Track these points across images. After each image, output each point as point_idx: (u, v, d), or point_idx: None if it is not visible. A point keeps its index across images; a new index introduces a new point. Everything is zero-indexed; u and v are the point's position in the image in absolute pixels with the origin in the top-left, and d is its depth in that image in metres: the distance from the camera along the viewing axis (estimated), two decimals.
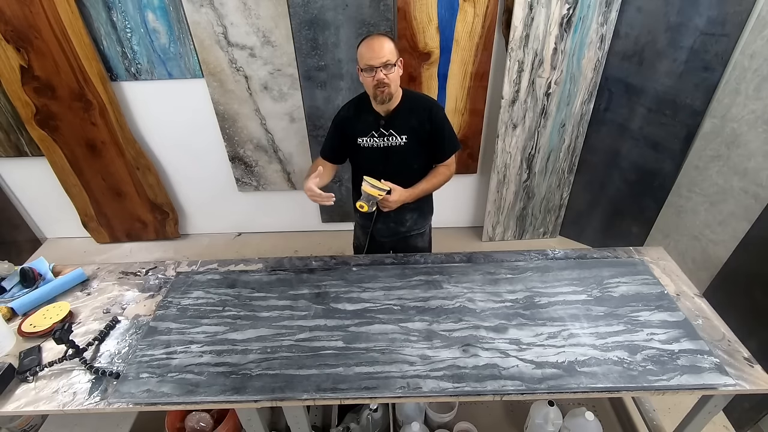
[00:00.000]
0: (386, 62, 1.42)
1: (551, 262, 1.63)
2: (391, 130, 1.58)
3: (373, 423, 1.70)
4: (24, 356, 1.32)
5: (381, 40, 1.44)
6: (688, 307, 1.45)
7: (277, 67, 2.41)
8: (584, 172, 2.71)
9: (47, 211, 3.06)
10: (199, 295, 1.53)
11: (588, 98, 2.43)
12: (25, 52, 2.28)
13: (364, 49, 1.45)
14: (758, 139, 1.89)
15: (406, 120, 1.57)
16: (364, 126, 1.60)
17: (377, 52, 1.42)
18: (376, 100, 1.52)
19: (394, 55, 1.45)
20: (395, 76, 1.47)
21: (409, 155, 1.62)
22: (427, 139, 1.60)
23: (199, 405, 1.23)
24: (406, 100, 1.58)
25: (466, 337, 1.34)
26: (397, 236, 1.82)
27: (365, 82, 1.49)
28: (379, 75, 1.43)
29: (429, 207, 1.85)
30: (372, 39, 1.45)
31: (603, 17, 2.18)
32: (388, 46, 1.44)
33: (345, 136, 1.66)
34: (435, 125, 1.58)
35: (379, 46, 1.42)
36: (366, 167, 1.64)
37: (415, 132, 1.58)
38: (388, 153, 1.61)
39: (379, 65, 1.42)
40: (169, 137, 2.72)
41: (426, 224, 1.87)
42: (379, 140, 1.60)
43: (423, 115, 1.57)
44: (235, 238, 3.18)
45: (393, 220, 1.77)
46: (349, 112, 1.65)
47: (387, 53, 1.42)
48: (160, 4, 2.23)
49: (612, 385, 1.19)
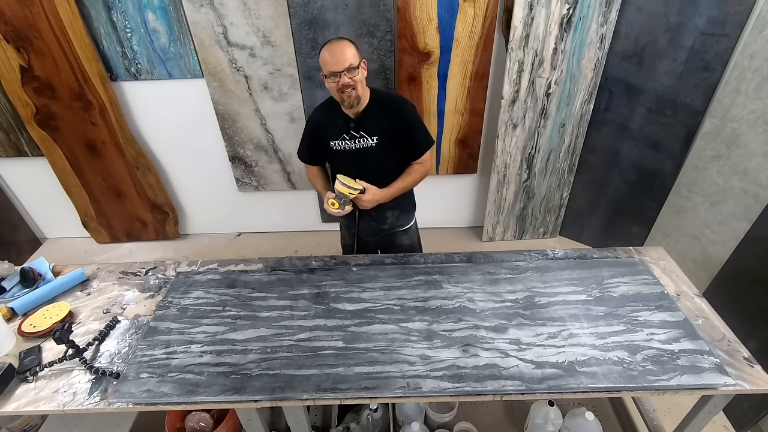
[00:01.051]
0: (349, 66, 1.43)
1: (551, 262, 1.63)
2: (362, 131, 1.58)
3: (373, 423, 1.70)
4: (24, 356, 1.32)
5: (342, 44, 1.44)
6: (688, 307, 1.45)
7: (277, 67, 2.41)
8: (584, 172, 2.71)
9: (47, 211, 3.06)
10: (199, 295, 1.53)
11: (588, 98, 2.43)
12: (25, 52, 2.28)
13: (326, 55, 1.45)
14: (758, 139, 1.89)
15: (376, 121, 1.57)
16: (335, 129, 1.61)
17: (339, 57, 1.42)
18: (344, 105, 1.53)
19: (356, 58, 1.45)
20: (360, 77, 1.47)
21: (382, 156, 1.62)
22: (399, 138, 1.60)
23: (199, 405, 1.23)
24: (374, 100, 1.57)
25: (466, 337, 1.34)
26: (381, 234, 1.83)
27: (330, 88, 1.50)
28: (343, 79, 1.44)
29: (410, 203, 1.85)
30: (332, 44, 1.45)
31: (603, 17, 2.18)
32: (350, 49, 1.44)
33: (318, 140, 1.67)
34: (406, 124, 1.58)
35: (341, 51, 1.43)
36: (340, 169, 1.66)
37: (385, 132, 1.58)
38: (360, 155, 1.61)
39: (342, 70, 1.43)
40: (169, 137, 2.72)
41: (409, 220, 1.87)
42: (351, 143, 1.60)
43: (393, 114, 1.57)
44: (235, 238, 3.18)
45: (374, 219, 1.78)
46: (320, 115, 1.66)
47: (349, 57, 1.43)
48: (160, 4, 2.23)
49: (612, 385, 1.19)
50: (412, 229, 1.90)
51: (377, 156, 1.61)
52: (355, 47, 1.47)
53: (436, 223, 3.16)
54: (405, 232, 1.87)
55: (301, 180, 2.86)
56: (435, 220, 3.14)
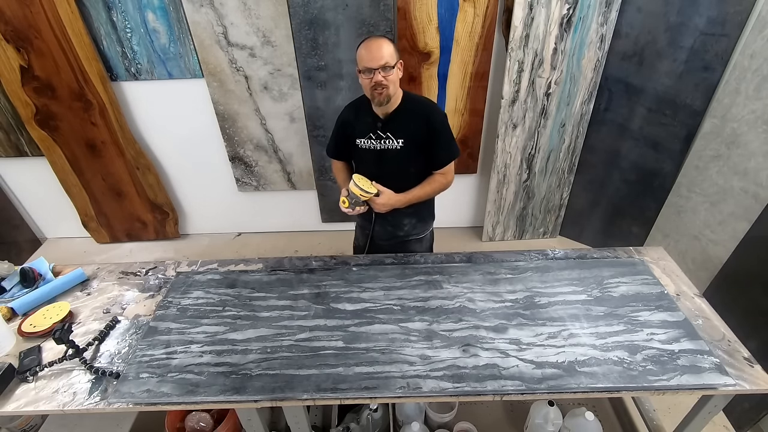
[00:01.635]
0: (384, 64, 1.42)
1: (551, 262, 1.63)
2: (388, 132, 1.57)
3: (373, 423, 1.70)
4: (24, 356, 1.32)
5: (380, 42, 1.43)
6: (688, 307, 1.45)
7: (277, 67, 2.41)
8: (584, 172, 2.71)
9: (47, 211, 3.06)
10: (199, 295, 1.53)
11: (588, 98, 2.43)
12: (25, 52, 2.28)
13: (362, 51, 1.44)
14: (758, 139, 1.89)
15: (404, 124, 1.56)
16: (363, 127, 1.60)
17: (375, 54, 1.41)
18: (374, 102, 1.52)
19: (393, 58, 1.44)
20: (394, 78, 1.46)
21: (405, 159, 1.61)
22: (424, 144, 1.58)
23: (199, 405, 1.23)
24: (405, 103, 1.56)
25: (466, 337, 1.34)
26: (395, 240, 1.82)
27: (363, 84, 1.49)
28: (377, 77, 1.43)
29: (429, 213, 1.84)
30: (371, 41, 1.44)
31: (603, 17, 2.18)
32: (387, 48, 1.43)
33: (346, 136, 1.67)
34: (432, 131, 1.56)
35: (378, 48, 1.42)
36: (362, 168, 1.66)
37: (411, 136, 1.56)
38: (384, 155, 1.60)
39: (378, 67, 1.42)
40: (169, 137, 2.72)
41: (425, 230, 1.85)
42: (376, 142, 1.59)
43: (421, 119, 1.55)
44: (235, 238, 3.18)
45: (390, 224, 1.77)
46: (350, 113, 1.66)
47: (386, 55, 1.42)
48: (160, 4, 2.23)
49: (612, 385, 1.19)
50: (426, 237, 1.88)
51: (400, 159, 1.60)
52: (393, 47, 1.46)
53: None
54: (419, 240, 1.85)
55: (301, 180, 2.86)
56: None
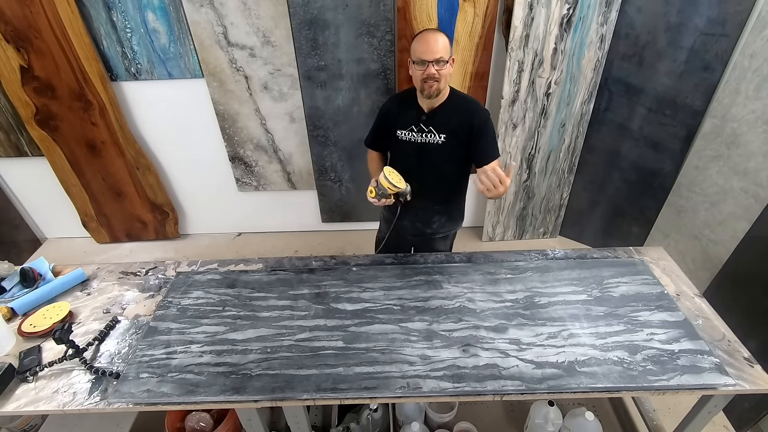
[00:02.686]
0: (439, 58, 1.42)
1: (551, 262, 1.64)
2: (431, 127, 1.56)
3: (373, 423, 1.70)
4: (24, 356, 1.32)
5: (436, 35, 1.43)
6: (688, 307, 1.45)
7: (277, 67, 2.41)
8: (584, 172, 2.71)
9: (47, 211, 3.05)
10: (199, 295, 1.53)
11: (588, 98, 2.43)
12: (25, 52, 2.28)
13: (418, 43, 1.44)
14: (758, 139, 1.89)
15: (448, 119, 1.55)
16: (406, 119, 1.60)
17: (432, 47, 1.41)
18: (423, 94, 1.51)
19: (447, 53, 1.44)
20: (446, 72, 1.46)
21: (444, 156, 1.59)
22: (466, 142, 1.56)
23: (199, 405, 1.23)
24: (452, 99, 1.56)
25: (466, 337, 1.34)
26: (422, 236, 1.80)
27: (414, 75, 1.48)
28: (430, 70, 1.42)
29: (459, 212, 1.82)
30: (428, 33, 1.44)
31: (603, 17, 2.18)
32: (444, 42, 1.43)
33: (387, 127, 1.66)
34: (476, 130, 1.54)
35: (434, 42, 1.41)
36: (400, 161, 1.64)
37: (454, 133, 1.55)
38: (424, 149, 1.59)
39: (432, 60, 1.42)
40: (169, 137, 2.72)
41: (453, 229, 1.84)
42: (418, 135, 1.58)
43: (465, 117, 1.54)
44: (235, 238, 3.18)
45: (420, 220, 1.75)
46: (393, 104, 1.67)
47: (441, 49, 1.42)
48: (160, 4, 2.23)
49: (612, 385, 1.19)
50: (450, 236, 1.88)
51: (440, 154, 1.59)
52: (448, 41, 1.45)
53: None
54: (444, 238, 1.85)
55: (301, 180, 2.86)
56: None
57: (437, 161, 1.60)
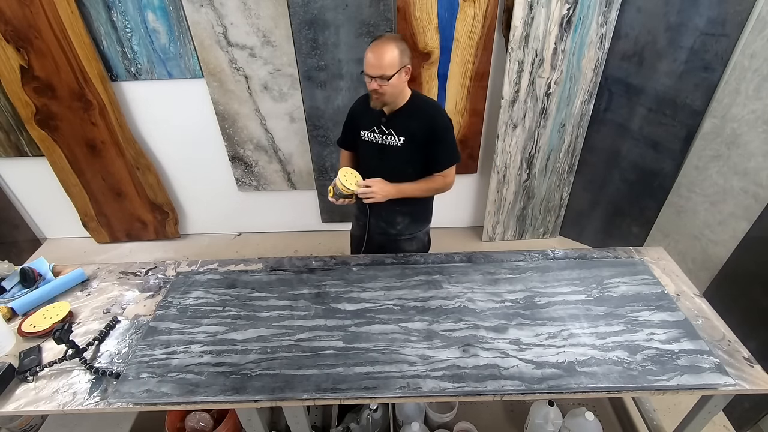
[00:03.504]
0: (381, 75, 1.41)
1: (551, 262, 1.63)
2: (391, 129, 1.58)
3: (373, 423, 1.70)
4: (24, 356, 1.32)
5: (383, 49, 1.40)
6: (688, 307, 1.45)
7: (277, 67, 2.41)
8: (584, 172, 2.71)
9: (47, 211, 3.05)
10: (199, 295, 1.53)
11: (588, 98, 2.43)
12: (25, 52, 2.28)
13: (367, 54, 1.42)
14: (758, 139, 1.89)
15: (407, 123, 1.56)
16: (369, 120, 1.62)
17: (374, 62, 1.40)
18: (370, 103, 1.53)
19: (393, 67, 1.41)
20: (392, 85, 1.44)
21: (404, 158, 1.61)
22: (425, 146, 1.57)
23: (199, 405, 1.23)
24: (412, 101, 1.57)
25: (466, 337, 1.34)
26: (387, 236, 1.82)
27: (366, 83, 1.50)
28: (372, 84, 1.44)
29: (424, 215, 1.83)
30: (375, 46, 1.41)
31: (603, 17, 2.18)
32: (390, 57, 1.40)
33: (354, 127, 1.69)
34: (434, 134, 1.55)
35: (378, 56, 1.39)
36: (364, 161, 1.69)
37: (413, 136, 1.57)
38: (384, 151, 1.61)
39: (375, 76, 1.42)
40: (169, 137, 2.72)
41: (417, 231, 1.84)
42: (379, 137, 1.61)
43: (424, 121, 1.55)
44: (235, 238, 3.18)
45: (384, 220, 1.77)
46: (359, 104, 1.69)
47: (385, 65, 1.39)
48: (160, 4, 2.23)
49: (612, 385, 1.19)
50: (419, 238, 1.87)
51: (400, 156, 1.60)
52: (398, 52, 1.41)
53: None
54: (411, 239, 1.85)
55: (301, 180, 2.86)
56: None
57: (397, 163, 1.62)
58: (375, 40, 1.44)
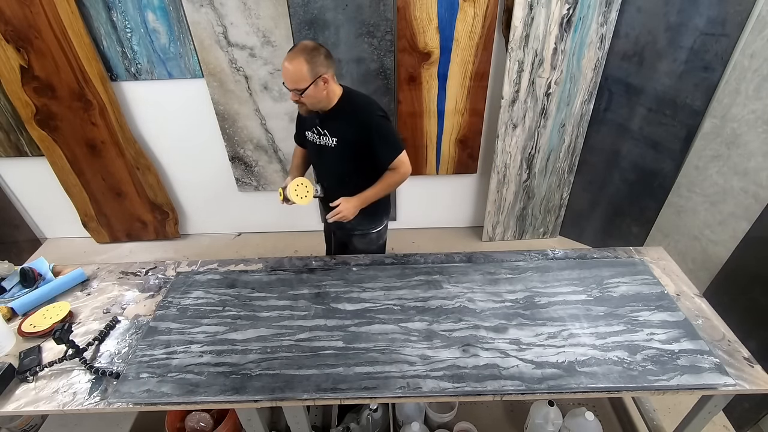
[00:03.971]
0: (295, 88, 1.42)
1: (551, 262, 1.63)
2: (326, 130, 1.59)
3: (373, 423, 1.70)
4: (24, 356, 1.32)
5: (292, 64, 1.39)
6: (688, 307, 1.45)
7: (277, 67, 2.41)
8: (584, 172, 2.71)
9: (47, 211, 3.05)
10: (199, 295, 1.53)
11: (588, 98, 2.43)
12: (25, 52, 2.28)
13: (283, 64, 1.41)
14: (758, 139, 1.89)
15: (338, 123, 1.55)
16: (310, 120, 1.64)
17: (287, 76, 1.41)
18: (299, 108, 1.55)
19: (305, 80, 1.40)
20: (308, 99, 1.45)
21: (339, 158, 1.61)
22: (360, 145, 1.55)
23: (199, 405, 1.24)
24: (342, 103, 1.54)
25: (466, 337, 1.34)
26: (343, 230, 1.84)
27: None
28: (292, 96, 1.45)
29: (375, 211, 1.76)
30: (287, 60, 1.40)
31: (603, 17, 2.18)
32: (298, 72, 1.39)
33: (301, 125, 1.73)
34: (367, 133, 1.53)
35: (289, 71, 1.40)
36: (310, 159, 1.78)
37: (345, 137, 1.56)
38: (322, 151, 1.64)
39: (291, 89, 1.43)
40: (169, 137, 2.72)
41: (370, 228, 1.81)
42: (317, 137, 1.63)
43: (353, 122, 1.54)
44: (235, 238, 3.18)
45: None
46: None
47: (297, 80, 1.40)
48: (160, 4, 2.22)
49: (612, 385, 1.19)
50: (371, 236, 1.83)
51: (335, 157, 1.61)
52: (307, 66, 1.39)
53: (436, 223, 3.16)
54: (363, 236, 1.82)
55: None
56: (435, 220, 3.14)
57: (334, 162, 1.65)
58: (289, 51, 1.42)
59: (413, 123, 2.60)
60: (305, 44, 1.42)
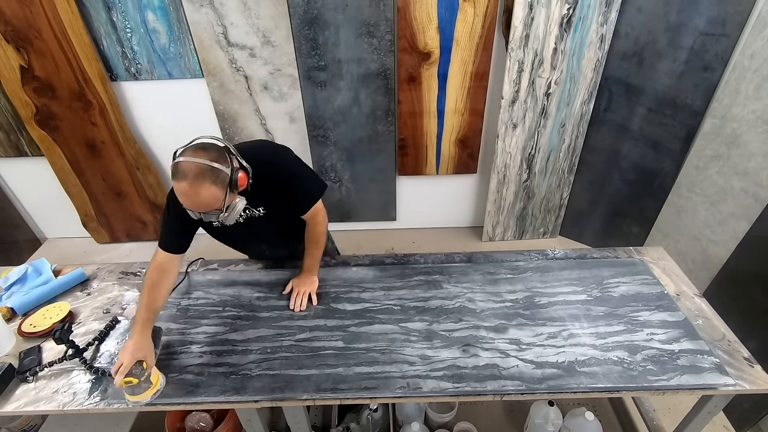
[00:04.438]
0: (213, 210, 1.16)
1: (551, 262, 1.63)
2: (248, 204, 1.35)
3: (373, 423, 1.70)
4: (24, 356, 1.32)
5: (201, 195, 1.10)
6: (688, 307, 1.45)
7: (277, 67, 2.41)
8: (584, 172, 2.71)
9: (47, 211, 3.05)
10: (199, 295, 1.53)
11: (588, 98, 2.43)
12: (25, 52, 2.28)
13: (181, 198, 1.12)
14: (758, 139, 1.89)
15: (257, 192, 1.31)
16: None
17: (200, 205, 1.13)
18: None
19: (220, 200, 1.14)
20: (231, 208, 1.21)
21: (273, 221, 1.46)
22: (284, 198, 1.41)
23: (199, 405, 1.24)
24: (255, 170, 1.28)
25: (466, 337, 1.34)
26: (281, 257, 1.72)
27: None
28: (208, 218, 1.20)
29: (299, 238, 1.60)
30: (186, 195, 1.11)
31: (603, 17, 2.18)
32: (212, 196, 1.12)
33: (193, 222, 1.32)
34: (284, 185, 1.38)
35: (201, 201, 1.12)
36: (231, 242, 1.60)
37: (269, 200, 1.39)
38: (252, 223, 1.44)
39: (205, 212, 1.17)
40: (169, 137, 2.72)
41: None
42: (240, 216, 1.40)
43: (269, 181, 1.34)
44: None
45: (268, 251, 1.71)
46: None
47: (213, 203, 1.13)
48: (160, 4, 2.22)
49: (612, 385, 1.19)
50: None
51: (268, 223, 1.45)
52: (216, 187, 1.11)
53: (436, 223, 3.16)
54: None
55: None
56: (435, 220, 3.14)
57: (268, 228, 1.48)
58: (180, 180, 1.09)
59: (413, 123, 2.60)
60: (200, 165, 1.10)
